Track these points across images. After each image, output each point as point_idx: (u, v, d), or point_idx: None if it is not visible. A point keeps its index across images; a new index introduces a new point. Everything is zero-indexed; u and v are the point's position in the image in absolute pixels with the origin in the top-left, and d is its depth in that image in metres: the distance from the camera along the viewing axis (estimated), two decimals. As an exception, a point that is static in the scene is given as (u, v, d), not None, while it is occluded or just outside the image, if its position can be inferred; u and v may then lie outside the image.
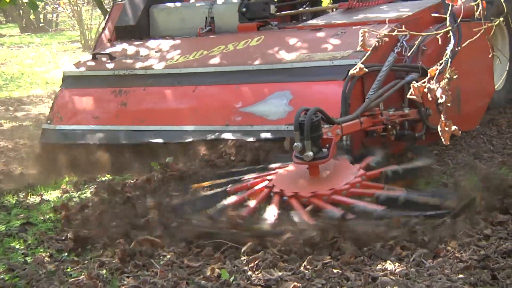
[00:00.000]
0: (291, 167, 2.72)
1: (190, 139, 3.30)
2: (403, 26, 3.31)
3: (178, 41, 3.95)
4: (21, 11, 16.43)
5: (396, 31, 2.43)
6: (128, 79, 3.70)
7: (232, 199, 2.64)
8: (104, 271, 2.20)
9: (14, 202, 3.25)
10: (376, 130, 3.03)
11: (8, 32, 16.66)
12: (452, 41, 3.45)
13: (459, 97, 3.58)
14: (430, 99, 2.15)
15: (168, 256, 2.30)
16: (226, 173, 2.98)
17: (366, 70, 2.40)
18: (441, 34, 3.50)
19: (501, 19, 3.99)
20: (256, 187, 2.70)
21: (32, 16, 16.56)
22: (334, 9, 4.17)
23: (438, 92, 2.04)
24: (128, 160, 3.45)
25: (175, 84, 3.54)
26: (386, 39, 2.39)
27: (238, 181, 2.81)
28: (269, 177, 2.72)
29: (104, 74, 3.82)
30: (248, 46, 3.60)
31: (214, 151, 3.22)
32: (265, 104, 3.23)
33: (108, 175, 3.46)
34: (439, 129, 2.07)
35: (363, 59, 2.77)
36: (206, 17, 4.08)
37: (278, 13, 4.07)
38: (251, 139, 3.12)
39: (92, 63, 3.93)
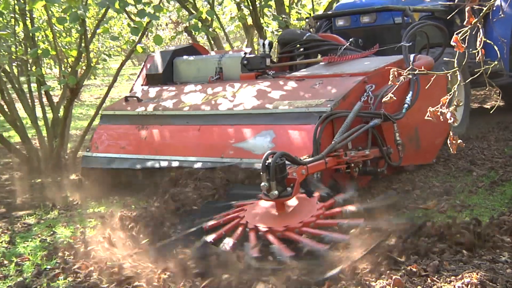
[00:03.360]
0: (259, 203, 2.61)
1: (194, 167, 3.31)
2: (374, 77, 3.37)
3: (191, 87, 4.00)
4: (149, 57, 18.81)
5: (417, 70, 2.27)
6: (149, 118, 3.77)
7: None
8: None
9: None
10: (340, 168, 2.96)
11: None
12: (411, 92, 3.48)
13: (418, 136, 3.52)
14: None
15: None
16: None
17: (395, 98, 2.32)
18: (401, 85, 3.50)
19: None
20: (231, 224, 2.54)
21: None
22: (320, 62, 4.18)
23: (448, 115, 2.15)
24: (144, 183, 3.53)
25: (184, 123, 3.58)
26: (410, 76, 2.38)
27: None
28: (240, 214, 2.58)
29: (131, 114, 3.90)
30: (245, 92, 3.63)
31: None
32: (253, 141, 3.24)
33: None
34: (448, 142, 2.17)
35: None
36: (216, 68, 4.16)
37: (273, 65, 4.12)
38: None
39: (124, 105, 4.04)
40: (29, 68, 4.79)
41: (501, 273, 2.01)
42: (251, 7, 5.79)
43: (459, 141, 2.14)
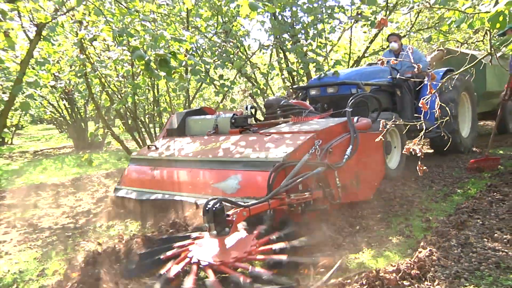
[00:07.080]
0: (205, 239, 2.58)
1: (182, 201, 3.49)
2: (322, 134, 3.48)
3: (193, 139, 4.23)
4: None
5: (389, 124, 2.56)
6: (159, 161, 4.03)
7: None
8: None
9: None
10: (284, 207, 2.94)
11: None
12: (350, 146, 3.56)
13: (358, 178, 3.54)
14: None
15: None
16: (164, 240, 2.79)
17: (383, 139, 2.60)
18: (344, 140, 3.58)
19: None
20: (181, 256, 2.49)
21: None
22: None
23: (418, 150, 2.49)
24: (152, 209, 3.76)
25: (180, 167, 3.80)
26: (391, 125, 2.52)
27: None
28: (190, 247, 2.55)
29: (149, 158, 4.17)
30: (227, 145, 3.82)
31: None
32: (225, 183, 3.37)
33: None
34: (417, 168, 2.49)
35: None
36: (213, 125, 4.44)
37: (253, 123, 4.33)
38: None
39: (146, 151, 4.34)
40: (155, 119, 6.73)
41: (451, 253, 2.52)
42: (291, 80, 7.38)
43: (424, 167, 2.57)
